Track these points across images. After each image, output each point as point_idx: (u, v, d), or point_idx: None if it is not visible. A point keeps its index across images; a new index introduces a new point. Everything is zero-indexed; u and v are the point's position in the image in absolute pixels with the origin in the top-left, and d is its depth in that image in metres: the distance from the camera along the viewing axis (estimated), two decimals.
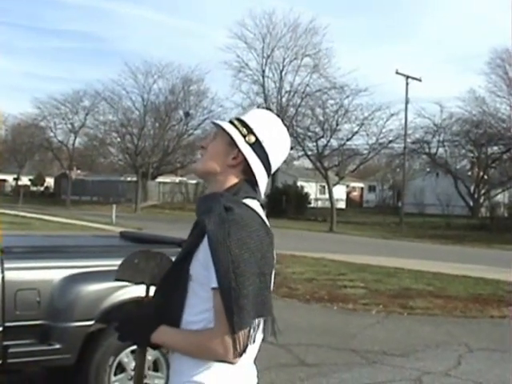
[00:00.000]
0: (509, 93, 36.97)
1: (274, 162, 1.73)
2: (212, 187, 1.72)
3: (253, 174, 1.68)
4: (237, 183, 1.68)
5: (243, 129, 1.70)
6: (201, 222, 1.59)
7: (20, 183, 54.02)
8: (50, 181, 59.96)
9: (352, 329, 7.29)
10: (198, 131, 42.86)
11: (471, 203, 41.43)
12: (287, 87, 39.19)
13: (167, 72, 42.68)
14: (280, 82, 39.80)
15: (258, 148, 1.69)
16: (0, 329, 3.56)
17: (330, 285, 10.50)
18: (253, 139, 1.69)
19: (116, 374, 3.99)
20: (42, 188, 60.32)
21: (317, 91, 35.48)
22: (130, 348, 3.89)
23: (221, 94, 69.65)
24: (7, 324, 3.58)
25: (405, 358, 6.02)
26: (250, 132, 1.70)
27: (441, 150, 40.40)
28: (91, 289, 3.83)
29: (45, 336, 3.70)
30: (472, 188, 41.99)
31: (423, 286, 10.70)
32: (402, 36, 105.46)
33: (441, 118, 38.66)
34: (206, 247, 1.54)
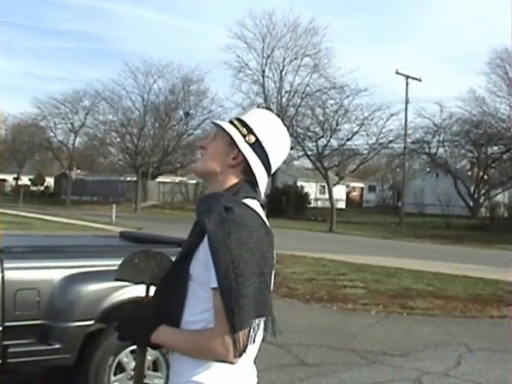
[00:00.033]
0: (509, 93, 36.95)
1: (274, 162, 1.73)
2: (212, 187, 1.72)
3: (253, 174, 1.68)
4: (237, 183, 1.68)
5: (243, 129, 1.70)
6: (201, 222, 1.59)
7: (20, 183, 53.97)
8: (50, 181, 59.95)
9: (352, 329, 7.29)
10: (198, 131, 42.90)
11: (471, 203, 41.44)
12: (287, 87, 39.18)
13: (167, 72, 42.75)
14: (280, 82, 39.76)
15: (258, 148, 1.69)
16: (0, 328, 3.56)
17: (330, 285, 10.50)
18: (253, 139, 1.69)
19: (116, 374, 3.99)
20: (42, 188, 60.31)
21: (317, 91, 35.44)
22: (130, 348, 3.90)
23: (221, 94, 69.66)
24: (7, 324, 3.58)
25: (404, 358, 6.02)
26: (250, 132, 1.70)
27: (441, 150, 40.46)
28: (91, 289, 3.83)
29: (44, 336, 3.70)
30: (472, 188, 41.99)
31: (423, 286, 10.70)
32: (402, 36, 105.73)
33: (441, 118, 38.75)
34: (206, 247, 1.54)
